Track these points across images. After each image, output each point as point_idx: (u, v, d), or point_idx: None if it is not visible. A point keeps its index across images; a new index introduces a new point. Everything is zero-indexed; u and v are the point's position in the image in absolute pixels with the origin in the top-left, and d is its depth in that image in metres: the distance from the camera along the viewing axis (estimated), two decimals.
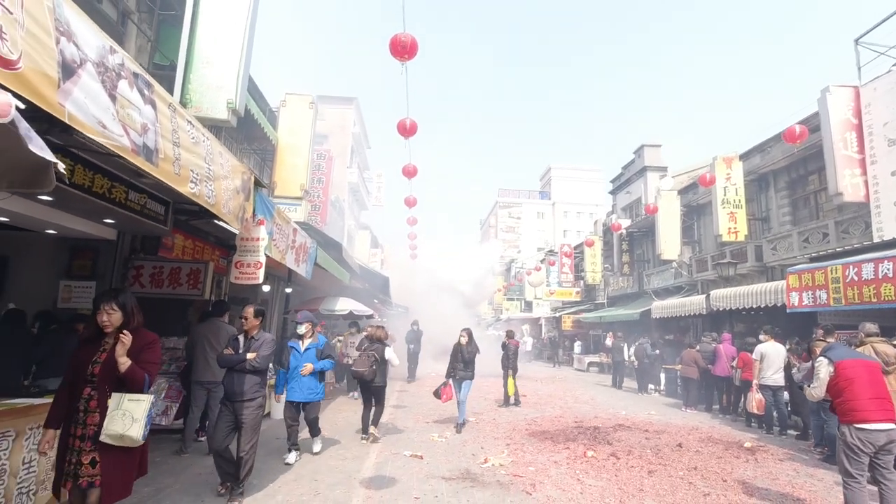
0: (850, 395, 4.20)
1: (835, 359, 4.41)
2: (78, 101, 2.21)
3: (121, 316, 3.01)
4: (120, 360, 2.85)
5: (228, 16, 8.71)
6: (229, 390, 4.66)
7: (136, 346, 2.98)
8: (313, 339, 6.22)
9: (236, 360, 4.63)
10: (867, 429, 4.06)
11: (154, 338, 3.13)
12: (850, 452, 4.13)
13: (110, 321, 2.96)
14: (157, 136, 2.94)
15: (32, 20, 2.00)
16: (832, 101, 11.66)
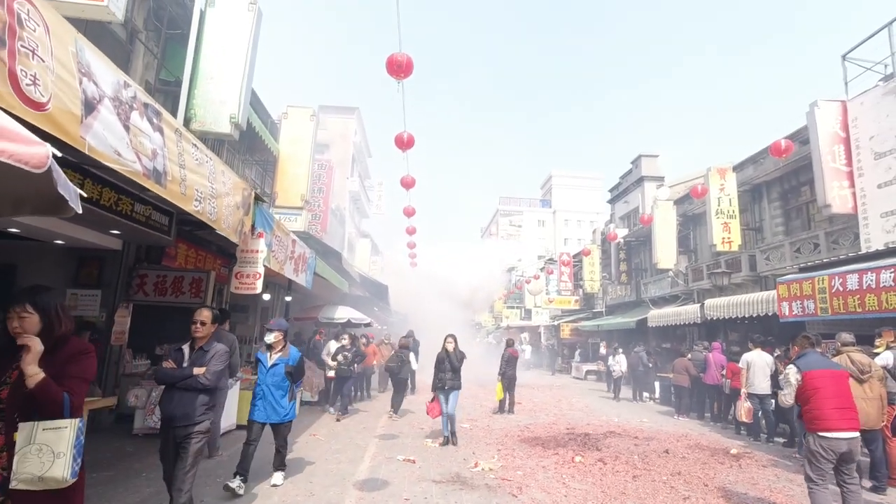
0: (816, 404, 4.31)
1: (803, 368, 4.51)
2: (97, 134, 2.49)
3: (38, 321, 2.27)
4: (27, 370, 2.10)
5: (232, 34, 9.05)
6: (168, 413, 3.76)
7: (61, 356, 2.29)
8: (283, 352, 5.44)
9: (179, 377, 3.75)
10: (829, 437, 4.18)
11: (87, 347, 2.40)
12: (812, 459, 4.26)
13: (22, 327, 2.23)
14: (165, 160, 3.21)
15: (60, 65, 2.28)
16: (820, 115, 11.95)
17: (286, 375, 5.35)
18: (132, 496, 4.80)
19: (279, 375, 5.32)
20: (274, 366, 5.34)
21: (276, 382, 5.31)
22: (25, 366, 2.11)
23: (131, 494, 4.84)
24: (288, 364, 5.38)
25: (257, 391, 5.31)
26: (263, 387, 5.27)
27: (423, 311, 29.27)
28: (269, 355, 5.41)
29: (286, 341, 5.54)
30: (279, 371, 5.34)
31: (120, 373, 8.19)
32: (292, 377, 5.42)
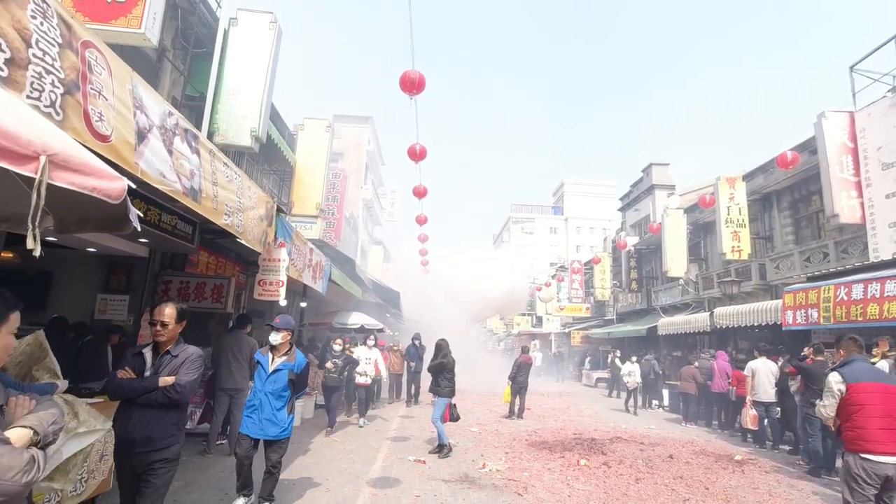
0: (860, 422, 3.80)
1: (849, 378, 3.94)
2: (148, 159, 2.84)
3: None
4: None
5: (253, 51, 9.49)
6: (123, 435, 2.91)
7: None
8: (289, 357, 4.67)
9: (139, 389, 2.92)
10: (873, 460, 3.68)
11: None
12: (853, 483, 3.75)
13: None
14: (201, 179, 3.57)
15: (119, 101, 2.64)
16: (828, 125, 12.06)
17: (288, 384, 4.59)
18: None
19: (281, 383, 4.55)
20: (276, 371, 4.57)
21: (277, 391, 4.52)
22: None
23: None
24: (292, 371, 4.60)
25: (251, 400, 4.57)
26: (261, 395, 4.50)
27: (434, 317, 29.53)
28: (270, 358, 4.64)
29: (293, 344, 4.83)
30: (281, 378, 4.56)
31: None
32: (294, 387, 4.68)
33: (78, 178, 1.70)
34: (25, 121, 1.62)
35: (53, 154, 1.59)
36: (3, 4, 1.91)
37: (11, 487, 1.33)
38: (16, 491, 1.35)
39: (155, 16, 5.63)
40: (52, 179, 1.59)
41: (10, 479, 1.32)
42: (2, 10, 1.90)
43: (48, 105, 2.08)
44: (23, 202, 2.45)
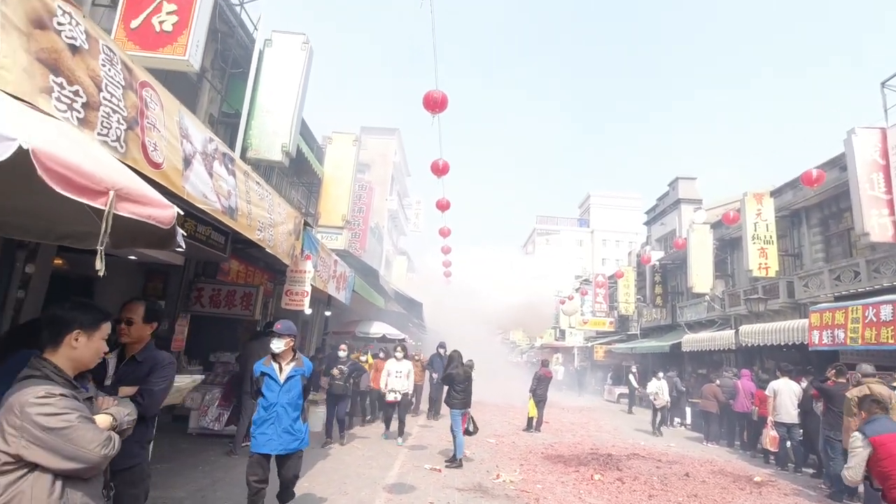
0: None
1: (870, 434, 3.78)
2: (192, 182, 3.17)
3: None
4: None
5: (286, 71, 9.98)
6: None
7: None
8: (297, 362, 4.43)
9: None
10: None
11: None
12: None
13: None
14: (236, 198, 3.89)
15: (169, 132, 2.97)
16: (858, 142, 11.85)
17: (302, 391, 4.41)
18: (192, 485, 5.47)
19: (295, 391, 4.32)
20: (289, 379, 4.31)
21: (293, 401, 4.28)
22: None
23: (190, 483, 5.52)
24: (304, 376, 4.43)
25: (266, 415, 4.24)
26: (278, 408, 4.22)
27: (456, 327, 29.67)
28: (277, 367, 4.35)
29: (296, 349, 4.57)
30: (295, 385, 4.32)
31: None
32: (306, 392, 4.53)
33: (137, 207, 2.00)
34: (98, 160, 1.93)
35: (119, 188, 1.89)
36: (81, 57, 2.24)
37: (91, 457, 1.67)
38: (95, 461, 1.68)
39: (198, 43, 6.08)
40: (117, 210, 1.88)
41: (92, 450, 1.67)
42: (80, 62, 2.23)
43: (114, 140, 2.40)
44: (82, 221, 2.80)
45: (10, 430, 1.60)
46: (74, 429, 1.66)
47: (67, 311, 1.88)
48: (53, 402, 1.65)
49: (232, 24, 9.68)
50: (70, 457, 1.65)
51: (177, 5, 6.02)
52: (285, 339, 4.34)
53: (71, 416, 1.67)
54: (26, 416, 1.60)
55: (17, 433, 1.59)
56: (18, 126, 1.58)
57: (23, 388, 1.67)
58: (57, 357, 1.82)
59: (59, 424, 1.63)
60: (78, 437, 1.66)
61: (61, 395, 1.69)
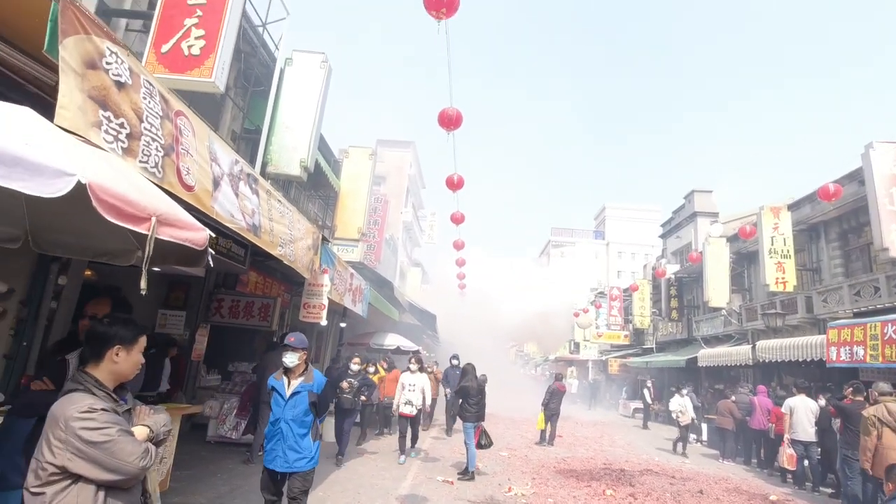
0: None
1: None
2: (220, 203, 3.37)
3: None
4: None
5: (305, 89, 10.29)
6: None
7: None
8: (306, 377, 4.24)
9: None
10: None
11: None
12: None
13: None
14: (259, 216, 4.09)
15: (200, 156, 3.18)
16: (875, 156, 11.76)
17: (310, 407, 4.16)
18: (212, 491, 5.64)
19: (301, 407, 4.12)
20: (295, 395, 4.14)
21: (298, 417, 4.10)
22: None
23: (211, 490, 5.69)
24: (313, 392, 4.19)
25: (272, 430, 4.15)
26: (282, 424, 4.08)
27: (470, 339, 29.71)
28: (286, 381, 4.21)
29: (308, 363, 4.41)
30: (301, 402, 4.12)
31: (196, 385, 9.26)
32: (317, 409, 4.26)
33: (175, 231, 2.18)
34: (140, 189, 2.12)
35: (160, 215, 2.07)
36: (126, 92, 2.45)
37: (131, 469, 1.78)
38: (134, 472, 1.80)
39: (224, 66, 6.36)
40: (158, 234, 2.07)
41: (131, 462, 1.78)
42: (125, 96, 2.44)
43: (153, 166, 2.61)
44: (119, 241, 3.01)
45: (57, 442, 1.71)
46: (115, 442, 1.76)
47: (108, 328, 1.99)
48: (95, 417, 1.76)
49: (255, 45, 10.04)
50: (111, 469, 1.75)
51: (205, 30, 6.32)
52: (299, 352, 4.20)
53: (112, 430, 1.77)
54: (70, 430, 1.71)
55: (62, 446, 1.70)
56: (75, 161, 1.77)
57: (67, 402, 1.79)
58: (99, 371, 1.93)
59: (101, 438, 1.74)
60: (118, 450, 1.76)
61: (103, 410, 1.79)
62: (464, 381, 8.00)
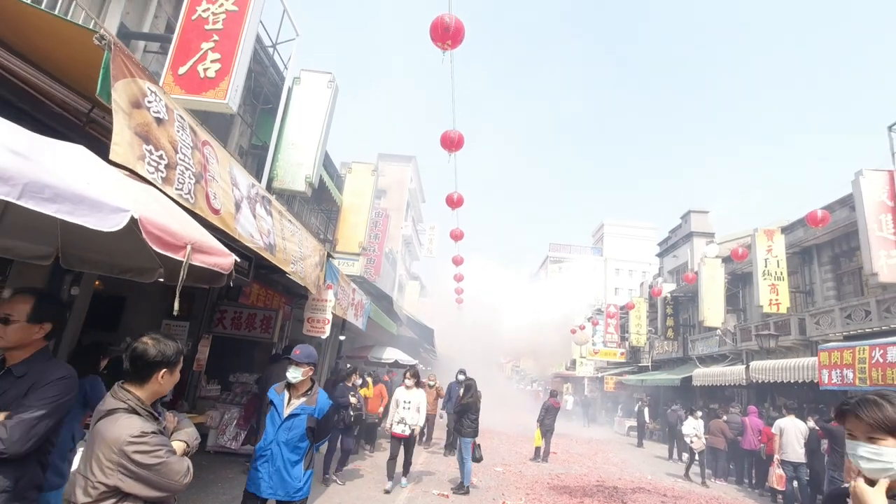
0: None
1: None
2: (242, 224, 3.59)
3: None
4: None
5: (312, 107, 10.59)
6: None
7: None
8: (309, 399, 3.77)
9: None
10: None
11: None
12: None
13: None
14: (274, 236, 4.32)
15: (224, 181, 3.41)
16: (865, 183, 12.09)
17: (307, 432, 3.68)
18: (213, 500, 5.78)
19: (297, 431, 3.64)
20: (293, 417, 3.68)
21: (291, 442, 3.62)
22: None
23: (212, 499, 5.83)
24: (312, 416, 3.71)
25: (262, 450, 3.66)
26: (273, 446, 3.61)
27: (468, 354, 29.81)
28: (286, 398, 3.79)
29: (314, 381, 3.95)
30: (299, 425, 3.66)
31: (196, 395, 9.38)
32: (315, 435, 3.77)
33: (206, 257, 2.40)
34: (177, 219, 2.35)
35: (194, 242, 2.29)
36: (163, 127, 2.69)
37: (177, 487, 1.94)
38: (179, 489, 1.96)
39: (237, 88, 6.63)
40: (192, 260, 2.29)
41: (178, 480, 1.93)
42: (163, 130, 2.68)
43: (187, 193, 2.84)
44: (144, 260, 3.23)
45: (109, 464, 1.83)
46: (165, 464, 1.90)
47: (155, 351, 2.02)
48: (147, 441, 1.87)
49: (265, 64, 10.36)
50: (161, 488, 1.90)
51: (220, 54, 6.61)
52: (304, 367, 3.76)
53: (161, 453, 1.90)
54: (123, 454, 1.82)
55: (114, 467, 1.82)
56: (127, 197, 2.00)
57: (115, 423, 1.89)
58: (142, 391, 2.01)
59: (153, 461, 1.87)
60: (168, 471, 1.90)
61: (153, 433, 1.91)
62: (467, 396, 8.13)
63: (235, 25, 6.90)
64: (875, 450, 1.46)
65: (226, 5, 6.98)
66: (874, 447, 1.47)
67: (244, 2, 7.01)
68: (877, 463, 1.45)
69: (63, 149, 2.04)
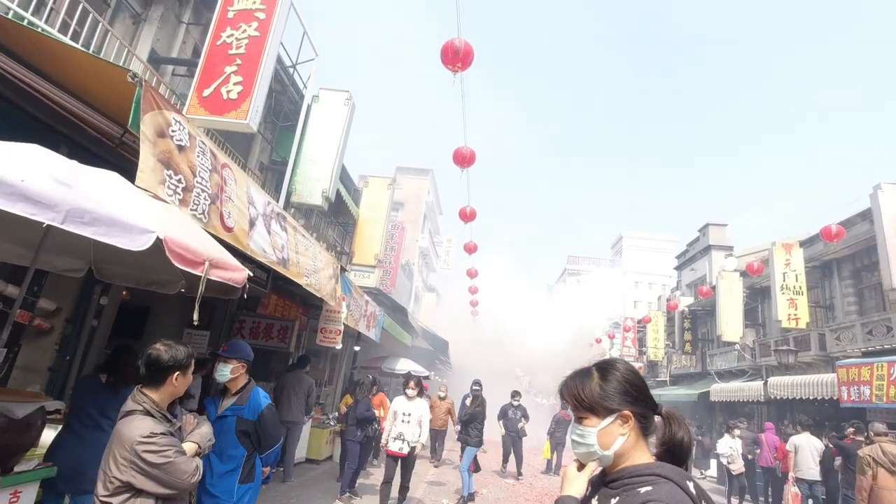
0: None
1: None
2: (255, 240, 3.86)
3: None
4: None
5: (330, 124, 10.96)
6: None
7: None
8: (239, 398, 3.29)
9: None
10: None
11: None
12: None
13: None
14: (288, 251, 4.58)
15: (239, 200, 3.69)
16: (884, 197, 11.93)
17: (238, 437, 3.18)
18: None
19: (227, 438, 3.15)
20: (221, 419, 3.21)
21: (222, 449, 3.11)
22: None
23: None
24: (243, 417, 3.22)
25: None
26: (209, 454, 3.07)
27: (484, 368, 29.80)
28: (221, 401, 3.38)
29: (250, 378, 3.45)
30: (228, 428, 3.18)
31: None
32: (251, 442, 3.24)
33: (222, 272, 2.65)
34: (197, 238, 2.60)
35: (212, 259, 2.54)
36: (184, 153, 2.97)
37: (184, 485, 2.13)
38: (187, 488, 2.15)
39: (258, 109, 6.99)
40: (209, 276, 2.53)
41: (185, 479, 2.12)
42: (183, 157, 2.96)
43: (201, 213, 3.11)
44: (167, 273, 3.51)
45: (122, 461, 2.03)
46: (172, 463, 2.06)
47: (168, 356, 2.21)
48: (156, 441, 2.03)
49: (285, 84, 10.80)
50: (169, 485, 2.06)
51: (242, 77, 6.98)
52: (232, 364, 3.32)
53: (170, 453, 2.06)
54: (134, 452, 1.99)
55: (127, 464, 2.02)
56: (153, 219, 2.25)
57: (130, 424, 2.09)
58: (158, 394, 2.20)
59: (161, 460, 2.03)
60: (175, 470, 2.06)
61: (162, 434, 2.07)
62: (476, 406, 8.27)
63: (257, 50, 7.28)
64: (580, 430, 1.26)
65: (248, 31, 7.38)
66: (581, 428, 1.26)
67: (266, 27, 7.41)
68: (582, 447, 1.26)
69: (99, 175, 2.31)
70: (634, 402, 1.24)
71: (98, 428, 3.27)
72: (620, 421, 1.22)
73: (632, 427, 1.22)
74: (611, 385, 1.25)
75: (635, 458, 1.22)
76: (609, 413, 1.23)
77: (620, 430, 1.22)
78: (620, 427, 1.22)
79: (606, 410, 1.23)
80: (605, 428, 1.22)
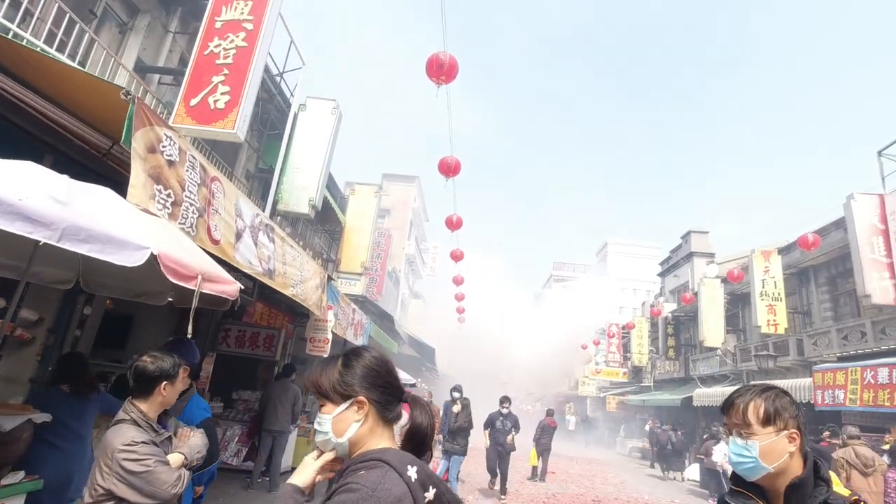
0: None
1: None
2: (241, 252, 3.90)
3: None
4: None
5: (316, 133, 11.00)
6: None
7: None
8: (175, 409, 2.91)
9: None
10: None
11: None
12: None
13: None
14: (274, 261, 4.63)
15: (227, 213, 3.73)
16: (857, 207, 12.31)
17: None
18: None
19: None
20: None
21: None
22: None
23: None
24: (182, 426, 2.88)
25: None
26: None
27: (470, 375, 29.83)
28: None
29: (191, 385, 3.27)
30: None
31: None
32: (193, 459, 2.83)
33: (215, 285, 2.70)
34: (189, 252, 2.66)
35: (204, 273, 2.59)
36: (174, 168, 3.02)
37: (164, 495, 2.13)
38: (167, 498, 2.14)
39: (245, 118, 7.02)
40: (202, 289, 2.59)
41: (165, 490, 2.11)
42: (173, 171, 3.01)
43: (189, 226, 3.15)
44: (156, 284, 3.53)
45: (105, 469, 2.05)
46: (151, 472, 2.05)
47: (154, 367, 2.23)
48: (136, 450, 2.04)
49: (272, 92, 10.83)
50: (148, 494, 2.05)
51: (230, 87, 7.02)
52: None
53: (149, 462, 2.05)
54: (115, 460, 2.00)
55: (109, 472, 2.03)
56: (146, 235, 2.31)
57: (115, 433, 2.11)
58: (146, 404, 2.21)
59: (140, 469, 2.03)
60: (154, 479, 2.05)
61: (143, 443, 2.07)
62: (464, 416, 8.33)
63: (244, 60, 7.33)
64: (319, 418, 1.24)
65: (236, 41, 7.42)
66: (319, 416, 1.25)
67: (253, 37, 7.45)
68: (320, 434, 1.23)
69: (93, 192, 2.36)
70: (372, 388, 1.21)
71: (80, 438, 3.28)
72: (356, 407, 1.19)
73: (367, 413, 1.19)
74: (350, 372, 1.22)
75: (371, 444, 1.18)
76: (344, 399, 1.19)
77: (355, 417, 1.18)
78: (355, 413, 1.19)
79: (341, 397, 1.20)
80: (339, 414, 1.19)
